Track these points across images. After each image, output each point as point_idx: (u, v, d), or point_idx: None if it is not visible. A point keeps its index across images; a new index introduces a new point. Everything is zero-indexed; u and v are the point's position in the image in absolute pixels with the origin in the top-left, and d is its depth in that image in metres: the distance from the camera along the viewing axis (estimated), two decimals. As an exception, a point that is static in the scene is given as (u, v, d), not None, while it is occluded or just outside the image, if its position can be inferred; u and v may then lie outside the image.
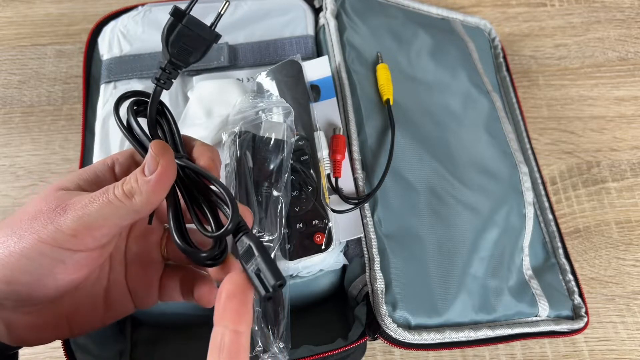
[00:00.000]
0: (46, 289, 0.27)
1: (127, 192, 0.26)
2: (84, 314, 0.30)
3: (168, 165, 0.27)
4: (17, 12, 0.61)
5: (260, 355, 0.35)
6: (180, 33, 0.29)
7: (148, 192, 0.26)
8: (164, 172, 0.27)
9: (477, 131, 0.48)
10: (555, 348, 0.47)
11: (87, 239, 0.26)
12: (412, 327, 0.39)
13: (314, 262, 0.40)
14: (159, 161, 0.27)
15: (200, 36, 0.29)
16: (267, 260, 0.25)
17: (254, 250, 0.25)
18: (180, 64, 0.30)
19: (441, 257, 0.42)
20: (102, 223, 0.26)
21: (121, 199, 0.26)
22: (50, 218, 0.26)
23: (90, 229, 0.26)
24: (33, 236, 0.26)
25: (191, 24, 0.29)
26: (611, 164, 0.56)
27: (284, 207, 0.38)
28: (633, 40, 0.63)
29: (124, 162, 0.31)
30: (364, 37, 0.50)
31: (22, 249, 0.26)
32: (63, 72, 0.58)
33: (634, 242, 0.52)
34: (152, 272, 0.32)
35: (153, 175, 0.26)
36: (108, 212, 0.26)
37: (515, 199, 0.46)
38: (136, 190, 0.26)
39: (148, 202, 0.27)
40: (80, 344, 0.39)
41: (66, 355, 0.37)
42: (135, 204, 0.26)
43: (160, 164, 0.27)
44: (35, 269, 0.26)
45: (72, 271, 0.27)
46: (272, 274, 0.24)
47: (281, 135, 0.38)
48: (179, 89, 0.47)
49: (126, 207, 0.26)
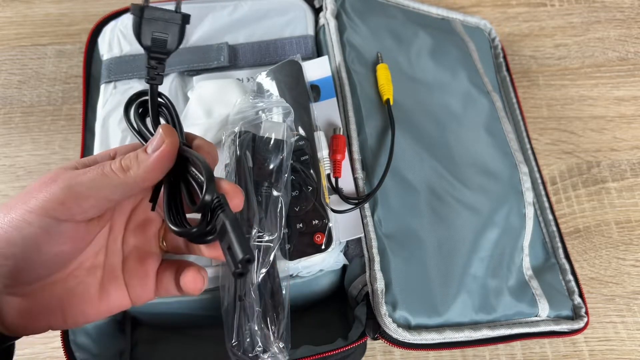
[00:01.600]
0: (33, 263, 0.27)
1: (124, 165, 0.28)
2: (78, 303, 0.30)
3: (172, 145, 0.28)
4: (17, 12, 0.61)
5: (260, 355, 0.35)
6: (146, 25, 0.30)
7: (146, 167, 0.28)
8: (167, 151, 0.28)
9: (477, 131, 0.48)
10: (555, 348, 0.47)
11: (74, 207, 0.27)
12: (412, 327, 0.39)
13: (314, 262, 0.40)
14: (164, 140, 0.28)
15: (167, 21, 0.30)
16: (238, 236, 0.25)
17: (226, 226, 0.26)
18: (161, 55, 0.31)
19: (441, 257, 0.42)
20: (91, 193, 0.27)
21: (116, 171, 0.28)
22: (40, 188, 0.27)
23: (79, 197, 0.27)
24: (22, 207, 0.26)
25: (153, 14, 0.30)
26: (611, 164, 0.56)
27: (283, 207, 0.38)
28: (633, 40, 0.63)
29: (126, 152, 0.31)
30: (364, 37, 0.50)
31: (10, 220, 0.26)
32: (63, 72, 0.58)
33: (634, 242, 0.52)
34: (149, 265, 0.33)
35: (157, 152, 0.28)
36: (99, 183, 0.27)
37: (515, 199, 0.46)
38: (133, 164, 0.28)
39: (142, 178, 0.28)
40: (80, 344, 0.39)
41: (66, 355, 0.37)
42: (129, 176, 0.28)
43: (166, 142, 0.28)
44: (20, 240, 0.26)
45: (57, 243, 0.27)
46: (240, 248, 0.25)
47: (281, 135, 0.38)
48: (179, 89, 0.47)
49: (119, 179, 0.27)
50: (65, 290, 0.30)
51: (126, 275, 0.32)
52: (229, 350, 0.35)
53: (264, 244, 0.36)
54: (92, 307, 0.31)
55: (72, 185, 0.27)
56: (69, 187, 0.27)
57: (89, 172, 0.27)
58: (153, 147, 0.28)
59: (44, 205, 0.26)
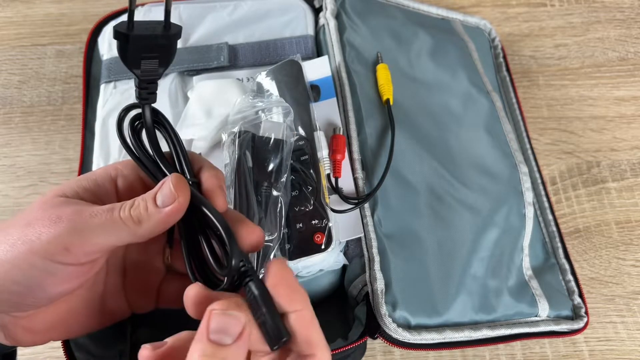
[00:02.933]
0: (36, 298, 0.27)
1: (135, 217, 0.26)
2: (79, 318, 0.30)
3: (184, 202, 0.27)
4: (17, 12, 0.61)
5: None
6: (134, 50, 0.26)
7: (157, 223, 0.26)
8: (178, 209, 0.27)
9: (477, 131, 0.48)
10: (555, 348, 0.47)
11: (80, 253, 0.26)
12: (412, 327, 0.39)
13: (313, 262, 0.40)
14: (176, 197, 0.26)
15: (157, 42, 0.27)
16: (274, 317, 0.24)
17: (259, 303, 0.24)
18: (153, 77, 0.27)
19: (441, 257, 0.42)
20: (98, 240, 0.26)
21: (126, 221, 0.26)
22: (45, 226, 0.25)
23: (85, 244, 0.26)
24: (25, 246, 0.25)
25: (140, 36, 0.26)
26: (611, 164, 0.56)
27: (283, 206, 0.38)
28: (633, 40, 0.63)
29: (128, 175, 0.30)
30: (364, 37, 0.50)
31: (13, 259, 0.25)
32: (63, 72, 0.58)
33: (634, 242, 0.52)
34: (150, 280, 0.32)
35: (167, 209, 0.26)
36: (109, 230, 0.26)
37: (515, 199, 0.46)
38: (144, 218, 0.26)
39: (153, 232, 0.27)
40: (80, 344, 0.39)
41: (66, 355, 0.37)
42: (140, 229, 0.26)
43: (178, 200, 0.26)
44: (25, 280, 0.26)
45: (62, 283, 0.27)
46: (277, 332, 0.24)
47: (281, 135, 0.38)
48: (179, 89, 0.47)
49: (129, 231, 0.26)
50: (68, 309, 0.30)
51: (127, 290, 0.32)
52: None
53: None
54: (93, 320, 0.31)
55: (78, 229, 0.25)
56: (76, 231, 0.25)
57: (97, 217, 0.26)
58: (163, 201, 0.27)
59: (48, 249, 0.25)
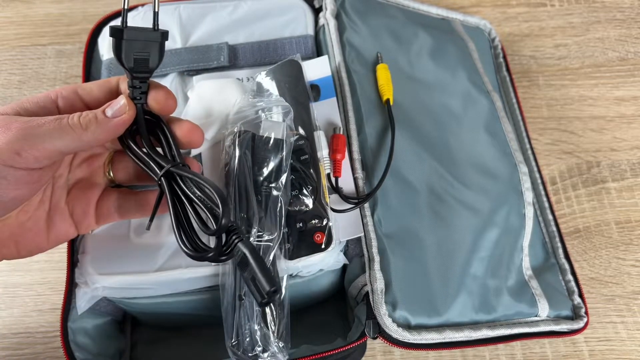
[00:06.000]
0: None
1: (83, 123, 0.29)
2: (29, 235, 0.32)
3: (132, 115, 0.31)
4: (17, 12, 0.61)
5: (260, 354, 0.35)
6: (128, 46, 0.30)
7: (103, 130, 0.29)
8: (126, 120, 0.30)
9: (477, 131, 0.48)
10: (555, 348, 0.47)
11: (30, 158, 0.28)
12: (412, 327, 0.39)
13: (313, 261, 0.39)
14: (126, 110, 0.30)
15: (148, 40, 0.31)
16: (262, 269, 0.26)
17: (248, 258, 0.26)
18: (144, 75, 0.31)
19: (441, 257, 0.42)
20: (46, 145, 0.28)
21: (74, 127, 0.29)
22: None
23: (35, 149, 0.28)
24: None
25: (133, 34, 0.30)
26: (611, 164, 0.56)
27: (283, 206, 0.38)
28: (633, 40, 0.63)
29: (68, 96, 0.32)
30: (364, 37, 0.50)
31: None
32: (63, 72, 0.58)
33: (634, 242, 0.52)
34: (90, 194, 0.35)
35: (117, 119, 0.30)
36: (57, 136, 0.28)
37: (515, 199, 0.46)
38: (92, 124, 0.29)
39: (98, 139, 0.30)
40: (80, 344, 0.39)
41: (66, 355, 0.37)
42: (87, 135, 0.29)
43: (127, 113, 0.30)
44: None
45: (13, 188, 0.29)
46: (267, 281, 0.26)
47: (281, 135, 0.38)
48: (179, 89, 0.47)
49: (77, 136, 0.29)
50: (17, 224, 0.31)
51: (69, 205, 0.34)
52: (228, 349, 0.35)
53: (263, 243, 0.36)
54: (41, 238, 0.33)
55: (28, 136, 0.27)
56: (25, 138, 0.27)
57: (45, 125, 0.28)
58: (114, 112, 0.30)
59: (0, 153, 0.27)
